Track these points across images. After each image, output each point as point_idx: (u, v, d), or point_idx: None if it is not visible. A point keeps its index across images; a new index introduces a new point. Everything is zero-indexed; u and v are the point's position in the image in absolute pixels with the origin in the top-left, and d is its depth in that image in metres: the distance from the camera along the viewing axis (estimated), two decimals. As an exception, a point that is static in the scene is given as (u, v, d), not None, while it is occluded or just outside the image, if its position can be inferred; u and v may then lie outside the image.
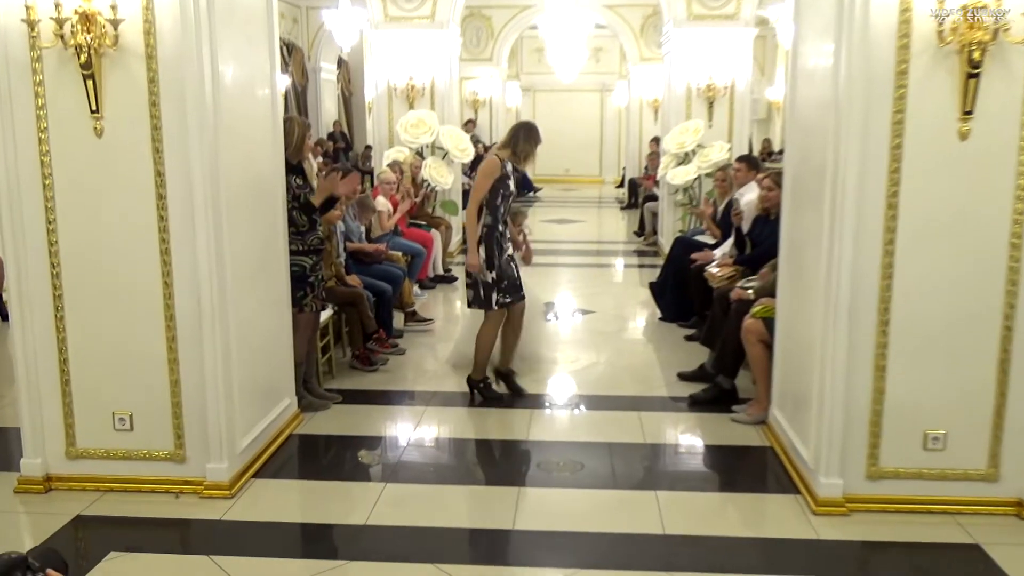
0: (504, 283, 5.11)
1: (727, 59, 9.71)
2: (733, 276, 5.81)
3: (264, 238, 4.26)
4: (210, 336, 3.72)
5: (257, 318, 4.17)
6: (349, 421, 4.86)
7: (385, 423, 4.96)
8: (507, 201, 5.05)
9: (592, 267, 10.10)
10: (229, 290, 3.78)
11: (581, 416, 5.01)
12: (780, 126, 19.06)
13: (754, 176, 6.65)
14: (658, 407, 5.11)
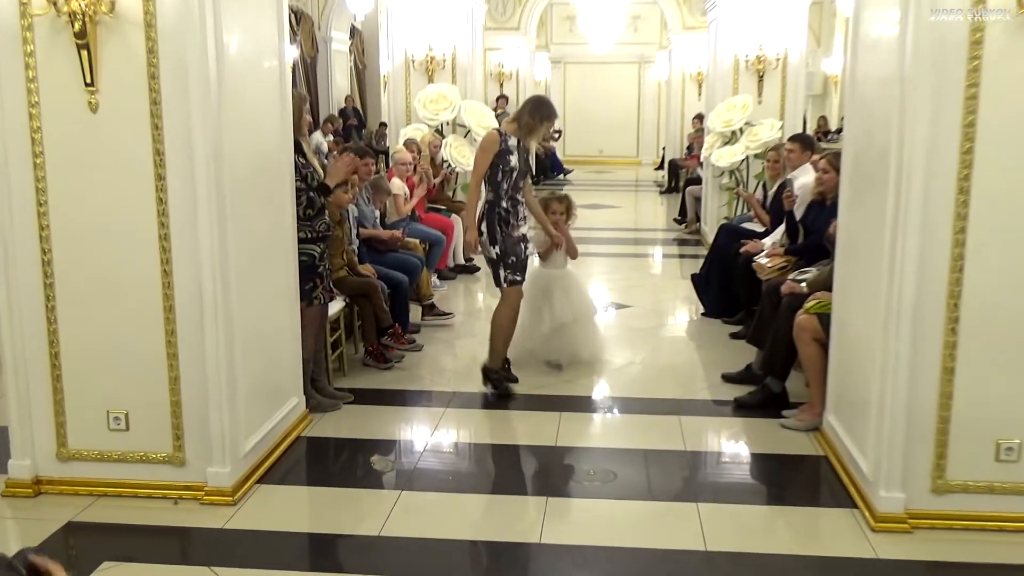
0: (511, 259, 5.29)
1: (779, 27, 9.64)
2: (784, 267, 5.77)
3: (271, 224, 4.29)
4: (212, 329, 3.76)
5: (263, 311, 4.20)
6: (361, 423, 4.89)
7: (400, 426, 4.99)
8: (509, 177, 5.21)
9: (628, 257, 10.08)
10: (233, 280, 3.82)
11: (615, 420, 5.01)
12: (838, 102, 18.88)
13: (808, 157, 6.60)
14: (700, 411, 5.10)
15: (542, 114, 5.25)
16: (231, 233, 3.78)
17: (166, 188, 3.64)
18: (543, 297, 5.64)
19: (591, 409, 5.15)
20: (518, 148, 5.31)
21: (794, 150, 6.68)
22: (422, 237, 7.72)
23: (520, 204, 5.38)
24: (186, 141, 3.60)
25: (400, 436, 4.84)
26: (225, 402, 3.85)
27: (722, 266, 6.99)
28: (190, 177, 3.63)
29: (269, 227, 4.28)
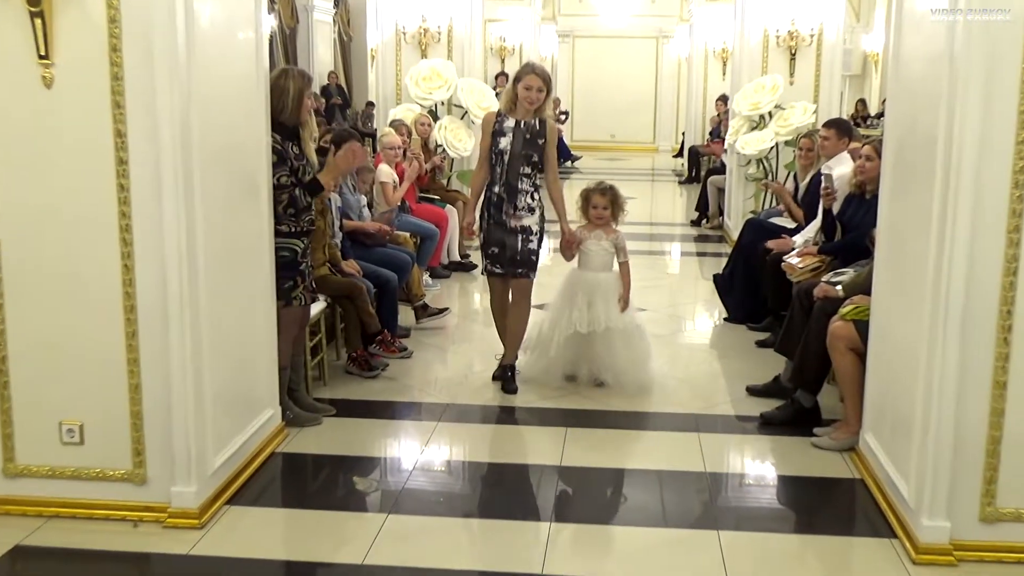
0: (491, 249, 5.54)
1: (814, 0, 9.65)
2: (818, 268, 5.78)
3: (245, 214, 4.29)
4: (178, 332, 3.76)
5: (235, 311, 4.20)
6: (343, 438, 4.89)
7: (387, 441, 4.99)
8: (501, 161, 5.41)
9: (643, 255, 10.07)
10: (202, 276, 3.82)
11: (627, 437, 5.01)
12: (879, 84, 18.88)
13: (846, 145, 6.61)
14: (722, 428, 5.10)
15: (521, 73, 5.48)
16: (200, 224, 3.78)
17: (128, 174, 3.64)
18: (568, 303, 5.59)
19: (600, 424, 5.14)
20: (516, 129, 5.44)
21: (829, 137, 6.68)
22: (413, 230, 7.72)
23: (523, 192, 5.45)
24: (151, 121, 3.60)
25: (386, 453, 4.84)
26: (192, 413, 3.85)
27: (748, 266, 7.00)
28: (155, 161, 3.63)
29: (244, 217, 4.28)
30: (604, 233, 5.67)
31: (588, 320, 5.52)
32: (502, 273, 5.60)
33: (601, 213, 5.65)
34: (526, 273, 5.57)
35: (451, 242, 8.91)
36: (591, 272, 5.63)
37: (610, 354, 5.55)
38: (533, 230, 5.52)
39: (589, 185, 5.76)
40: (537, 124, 5.49)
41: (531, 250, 5.53)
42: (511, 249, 5.52)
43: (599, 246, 5.65)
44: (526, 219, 5.50)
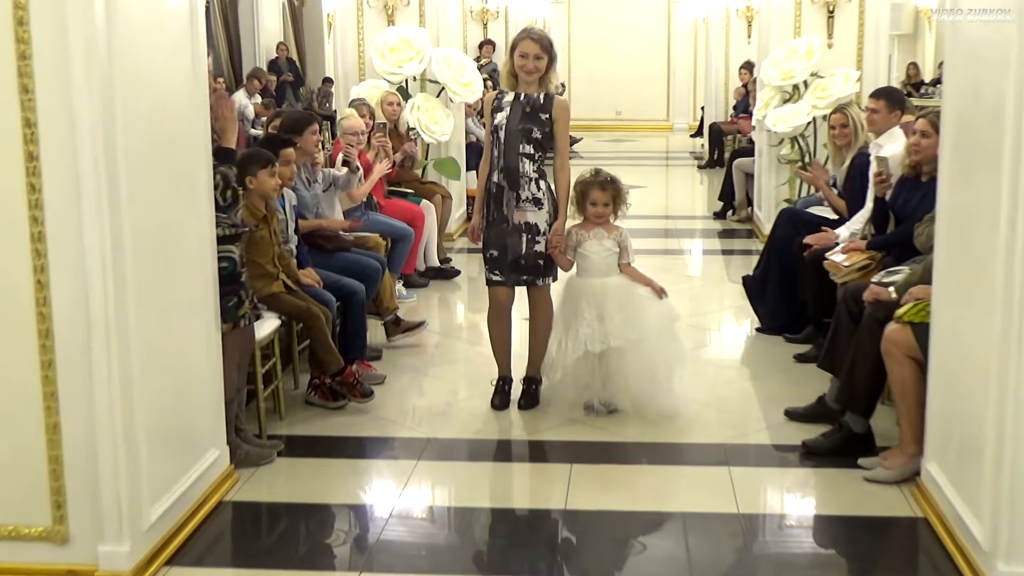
0: (490, 252, 5.59)
1: (855, -55, 9.70)
2: (867, 266, 5.79)
3: (183, 216, 4.29)
4: (104, 360, 3.75)
5: (173, 334, 4.19)
6: (304, 482, 4.88)
7: (357, 484, 4.99)
8: (498, 142, 5.52)
9: (657, 254, 10.09)
10: (132, 293, 3.81)
11: (644, 474, 5.01)
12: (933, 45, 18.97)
13: (897, 119, 6.62)
14: (756, 460, 5.11)
15: (516, 38, 5.62)
16: (129, 229, 3.77)
17: (40, 171, 3.63)
18: (573, 318, 5.59)
19: (612, 459, 5.14)
20: (515, 103, 5.55)
21: (878, 110, 6.69)
22: (383, 231, 7.72)
23: (526, 179, 5.52)
24: (66, 107, 3.59)
25: (356, 499, 4.83)
26: (122, 457, 3.83)
27: (783, 265, 7.00)
28: (72, 155, 3.62)
29: (181, 220, 4.27)
30: (605, 231, 5.69)
31: (601, 336, 5.51)
32: (502, 281, 5.63)
33: (601, 211, 5.67)
34: (532, 281, 5.61)
35: (428, 244, 8.91)
36: (595, 278, 5.63)
37: (629, 373, 5.54)
38: (540, 229, 5.55)
39: (585, 175, 5.74)
40: (541, 98, 5.54)
41: (537, 253, 5.56)
42: (513, 251, 5.55)
43: (601, 247, 5.66)
44: (531, 214, 5.53)
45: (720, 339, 7.46)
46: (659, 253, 10.14)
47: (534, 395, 5.75)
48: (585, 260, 5.67)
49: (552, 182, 5.66)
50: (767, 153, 10.23)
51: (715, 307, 8.31)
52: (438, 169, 9.91)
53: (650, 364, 5.56)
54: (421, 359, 6.80)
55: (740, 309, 7.76)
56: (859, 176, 6.70)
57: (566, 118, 5.61)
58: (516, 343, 5.93)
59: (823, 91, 9.11)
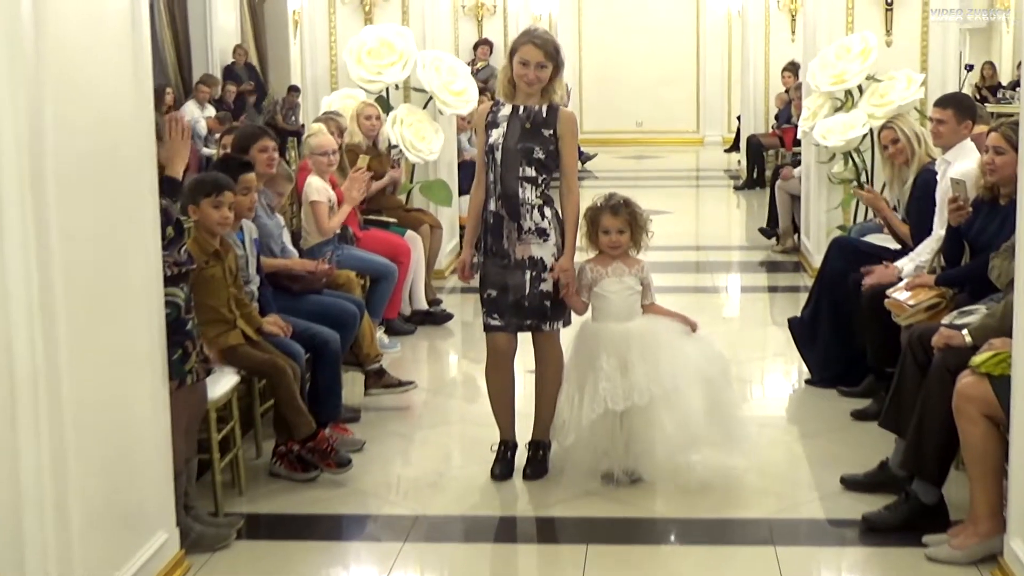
0: (487, 292, 5.61)
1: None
2: (936, 305, 5.77)
3: (125, 251, 4.29)
4: (30, 423, 3.73)
5: (113, 393, 4.18)
6: (269, 569, 4.87)
7: (331, 572, 4.96)
8: (494, 160, 5.54)
9: (688, 292, 10.09)
10: (64, 345, 3.80)
11: (673, 556, 4.98)
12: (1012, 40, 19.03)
13: (968, 130, 6.62)
14: (807, 538, 5.08)
15: (516, 41, 5.62)
16: (60, 265, 3.77)
17: (-46, 196, 3.64)
18: (591, 371, 5.56)
19: (635, 538, 5.11)
20: (512, 117, 5.55)
21: (945, 119, 6.71)
22: (360, 268, 7.72)
23: (528, 206, 5.52)
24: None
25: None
26: (51, 537, 3.80)
27: (836, 305, 7.00)
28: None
29: (122, 255, 4.27)
30: (625, 266, 5.68)
31: (624, 391, 5.46)
32: (503, 326, 5.63)
33: (616, 240, 5.64)
34: (537, 325, 5.61)
35: (414, 284, 8.89)
36: (615, 322, 5.62)
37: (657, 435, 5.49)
38: (547, 264, 5.54)
39: (596, 201, 5.72)
40: (543, 111, 5.55)
41: (543, 293, 5.55)
42: (515, 291, 5.54)
43: (621, 284, 5.66)
44: (536, 247, 5.52)
45: (763, 392, 7.45)
46: (689, 291, 10.12)
47: (542, 463, 5.73)
48: (603, 301, 5.66)
49: (559, 208, 5.68)
50: (815, 172, 10.25)
51: (756, 354, 8.30)
52: (425, 194, 9.92)
53: (684, 422, 5.51)
54: (407, 421, 6.79)
55: (786, 357, 7.76)
56: (924, 197, 6.69)
57: (574, 133, 5.63)
58: (520, 401, 5.93)
59: (881, 97, 9.12)
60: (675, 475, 5.54)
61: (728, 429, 5.67)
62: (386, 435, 6.47)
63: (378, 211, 9.03)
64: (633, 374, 5.47)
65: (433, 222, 9.56)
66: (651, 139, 23.30)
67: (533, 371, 5.85)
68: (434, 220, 9.64)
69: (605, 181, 16.77)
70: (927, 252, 6.46)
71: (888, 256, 6.88)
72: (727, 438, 5.65)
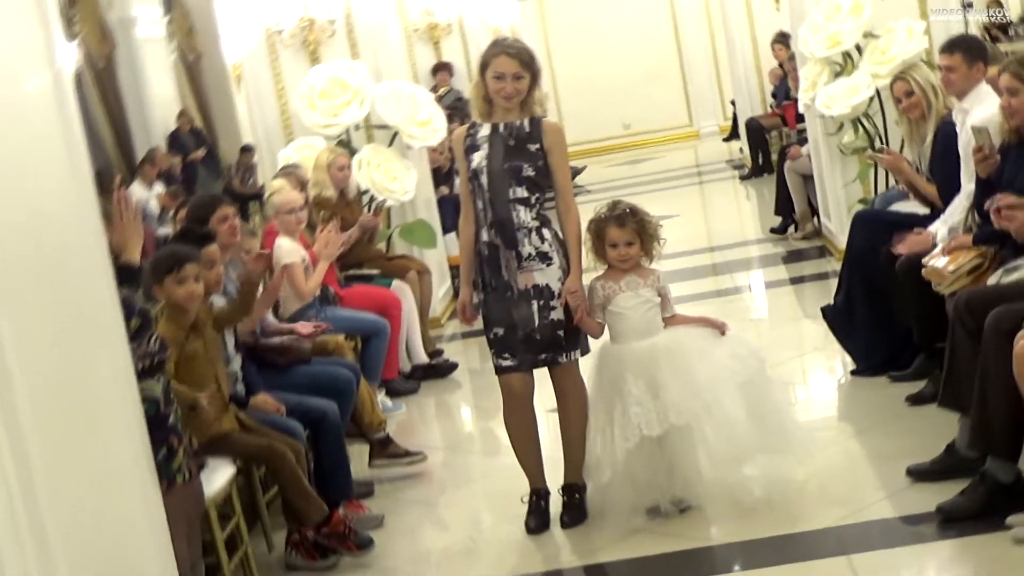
0: (494, 331, 5.62)
1: None
2: (978, 266, 5.78)
3: (89, 352, 4.29)
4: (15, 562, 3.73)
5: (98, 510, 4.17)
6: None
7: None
8: (480, 189, 5.57)
9: (709, 298, 10.13)
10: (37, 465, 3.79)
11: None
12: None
13: (981, 73, 6.63)
14: (881, 540, 5.07)
15: (487, 54, 5.65)
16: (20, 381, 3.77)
17: None
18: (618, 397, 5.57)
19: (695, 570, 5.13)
20: (493, 136, 5.58)
21: (954, 66, 6.71)
22: (348, 330, 7.73)
23: (525, 230, 5.54)
24: None
25: None
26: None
27: (870, 284, 7.03)
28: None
29: (87, 356, 4.27)
30: (639, 278, 5.69)
31: (659, 414, 5.47)
32: (515, 366, 5.62)
33: (625, 253, 5.65)
34: (553, 359, 5.62)
35: (410, 337, 8.89)
36: (637, 340, 5.63)
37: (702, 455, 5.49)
38: (554, 290, 5.54)
39: (599, 212, 5.74)
40: (526, 125, 5.58)
41: (554, 323, 5.56)
42: (524, 325, 5.56)
43: (637, 299, 5.66)
44: (539, 274, 5.54)
45: (807, 392, 7.45)
46: (710, 296, 10.18)
47: (579, 507, 5.74)
48: (620, 319, 5.67)
49: (558, 228, 5.70)
50: (823, 146, 10.28)
51: (793, 352, 8.29)
52: (406, 238, 9.94)
53: (729, 434, 5.51)
54: (426, 487, 6.79)
55: (826, 350, 7.78)
56: (947, 152, 6.69)
57: (562, 145, 5.66)
58: (546, 443, 5.94)
59: (883, 54, 9.11)
60: (728, 495, 5.54)
61: (777, 431, 5.67)
62: (406, 505, 6.48)
63: (358, 264, 9.05)
64: (665, 393, 5.47)
65: (420, 267, 9.56)
66: (642, 141, 23.35)
67: (555, 409, 5.86)
68: (421, 265, 9.64)
69: (599, 194, 16.68)
70: (960, 211, 6.46)
71: (918, 223, 6.89)
72: (778, 442, 5.65)
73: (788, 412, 5.95)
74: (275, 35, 10.48)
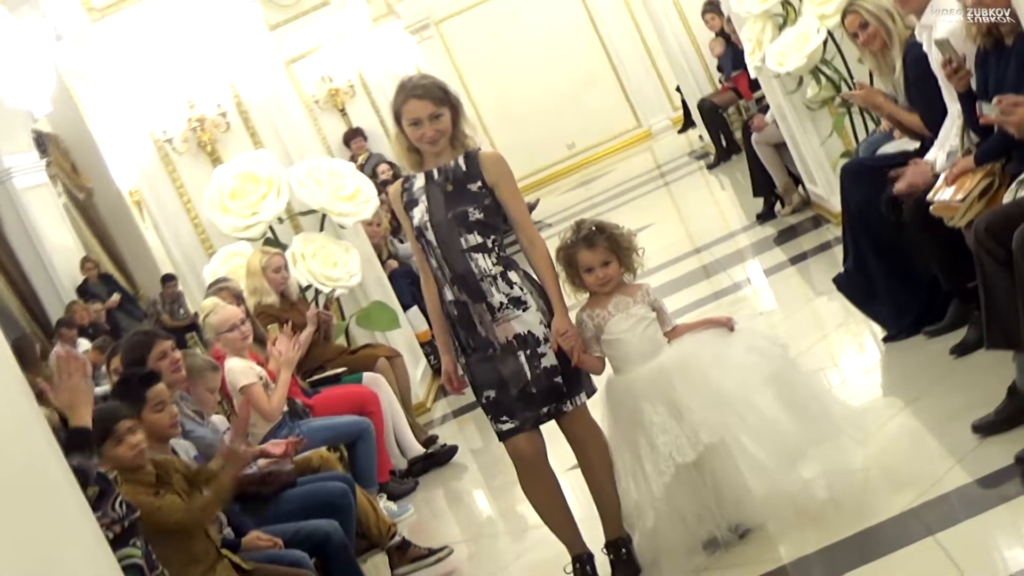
0: (485, 395, 5.59)
1: None
2: (989, 187, 5.80)
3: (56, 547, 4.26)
4: None
5: None
6: None
7: None
8: (429, 246, 5.58)
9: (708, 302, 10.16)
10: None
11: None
12: None
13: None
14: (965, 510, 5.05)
15: (395, 103, 5.63)
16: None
17: None
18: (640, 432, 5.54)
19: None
20: (428, 186, 5.59)
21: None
22: (328, 439, 7.71)
23: (489, 279, 5.52)
24: None
25: None
26: None
27: (877, 240, 7.04)
28: None
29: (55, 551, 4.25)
30: (627, 297, 5.67)
31: (689, 437, 5.44)
32: (518, 427, 5.57)
33: (603, 275, 5.63)
34: (558, 409, 5.57)
35: (397, 430, 8.88)
36: (643, 364, 5.62)
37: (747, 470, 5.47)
38: (538, 336, 5.52)
39: (564, 238, 5.73)
40: (461, 163, 5.58)
41: (547, 370, 5.51)
42: (515, 381, 5.51)
43: (631, 319, 5.64)
44: (517, 322, 5.50)
45: (841, 375, 7.43)
46: (708, 301, 10.22)
47: (629, 562, 5.68)
48: (618, 346, 5.65)
49: (527, 268, 5.69)
50: (788, 108, 10.32)
51: (815, 336, 8.30)
52: (365, 325, 9.95)
53: (771, 436, 5.49)
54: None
55: (849, 324, 7.81)
56: (922, 76, 6.70)
57: (507, 175, 5.64)
58: (576, 504, 5.93)
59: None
60: (788, 506, 5.51)
61: (823, 416, 5.63)
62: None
63: (319, 368, 9.03)
64: (689, 413, 5.45)
65: (389, 352, 9.56)
66: (591, 157, 23.50)
67: (576, 465, 5.83)
68: (389, 350, 9.64)
69: (560, 226, 16.79)
70: (953, 134, 6.47)
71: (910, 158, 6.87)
72: (827, 427, 5.60)
73: (827, 394, 5.93)
74: (165, 144, 10.48)
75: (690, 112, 19.19)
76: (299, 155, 10.28)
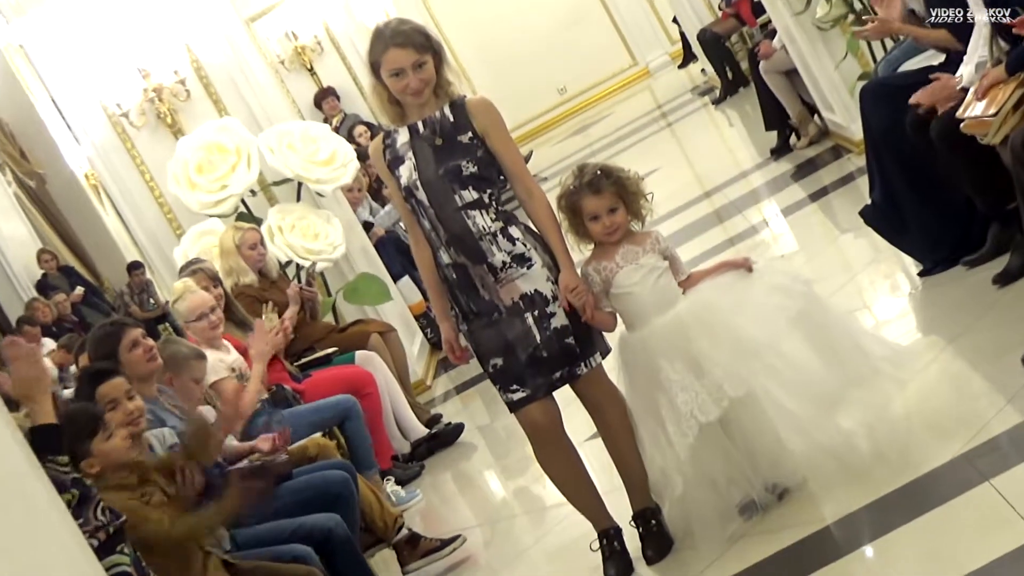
0: (492, 363, 5.59)
1: None
2: (1023, 98, 5.81)
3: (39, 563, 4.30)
4: None
5: None
6: None
7: None
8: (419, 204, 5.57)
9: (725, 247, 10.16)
10: None
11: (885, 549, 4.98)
12: None
13: None
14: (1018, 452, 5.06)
15: (373, 54, 5.59)
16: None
17: None
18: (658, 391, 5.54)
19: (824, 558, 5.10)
20: (414, 141, 5.57)
21: None
22: (315, 425, 7.72)
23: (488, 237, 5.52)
24: None
25: None
26: None
27: (906, 165, 7.03)
28: None
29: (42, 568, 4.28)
30: (636, 246, 5.67)
31: (712, 393, 5.43)
32: (530, 395, 5.58)
33: (611, 223, 5.63)
34: (571, 372, 5.58)
35: (397, 412, 8.88)
36: (658, 317, 5.62)
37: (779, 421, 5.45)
38: (546, 294, 5.53)
39: (566, 184, 5.72)
40: (448, 113, 5.57)
41: (558, 330, 5.52)
42: (524, 346, 5.52)
43: (642, 269, 5.63)
44: (523, 280, 5.51)
45: (875, 317, 7.45)
46: (724, 247, 10.24)
47: (659, 534, 5.71)
48: (629, 300, 5.66)
49: (527, 221, 5.70)
50: (797, 31, 10.31)
51: (844, 276, 8.33)
52: (353, 299, 9.95)
53: (803, 384, 5.48)
54: (478, 572, 6.81)
55: (881, 260, 7.84)
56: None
57: (498, 121, 5.64)
58: (598, 475, 5.94)
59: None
60: (830, 460, 5.49)
61: (859, 356, 5.62)
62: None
63: (308, 348, 9.03)
64: (711, 366, 5.44)
65: (381, 327, 9.56)
66: (586, 101, 23.47)
67: (595, 434, 5.83)
68: (381, 325, 9.64)
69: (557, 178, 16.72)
70: (982, 45, 6.45)
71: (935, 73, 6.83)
72: (864, 368, 5.59)
73: (861, 331, 5.92)
74: (121, 119, 10.45)
75: (690, 45, 19.20)
76: (268, 121, 10.26)
